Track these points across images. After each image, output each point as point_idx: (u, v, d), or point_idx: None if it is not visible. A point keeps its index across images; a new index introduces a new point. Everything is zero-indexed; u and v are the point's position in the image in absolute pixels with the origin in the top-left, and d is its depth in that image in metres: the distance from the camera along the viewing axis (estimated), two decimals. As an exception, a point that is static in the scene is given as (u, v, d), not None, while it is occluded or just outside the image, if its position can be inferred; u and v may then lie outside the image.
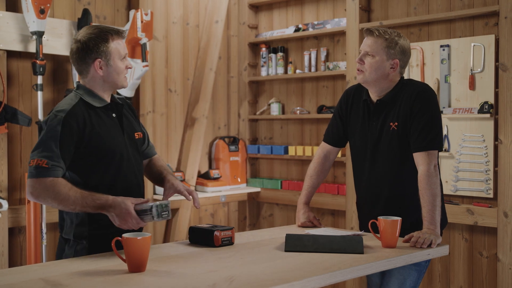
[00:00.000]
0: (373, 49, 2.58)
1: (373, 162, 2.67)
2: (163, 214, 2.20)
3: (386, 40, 2.57)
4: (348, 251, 2.26)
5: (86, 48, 2.37)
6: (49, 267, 2.05)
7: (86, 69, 2.39)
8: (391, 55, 2.59)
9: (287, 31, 5.00)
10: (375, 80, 2.62)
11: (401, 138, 2.60)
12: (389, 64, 2.59)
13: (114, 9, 4.43)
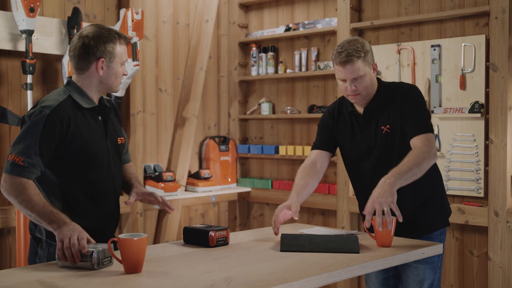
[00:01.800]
0: (359, 72, 2.55)
1: (373, 168, 2.66)
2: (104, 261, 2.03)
3: (362, 58, 2.55)
4: (344, 250, 2.26)
5: (93, 45, 2.31)
6: (44, 268, 2.02)
7: (86, 66, 2.33)
8: (370, 64, 2.60)
9: (278, 30, 4.99)
10: (371, 93, 2.64)
11: (396, 140, 2.63)
12: (373, 73, 2.63)
13: (104, 7, 4.40)
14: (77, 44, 2.33)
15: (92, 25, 2.39)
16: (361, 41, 2.60)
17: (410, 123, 2.60)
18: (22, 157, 2.17)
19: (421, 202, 2.64)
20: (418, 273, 2.62)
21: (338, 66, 2.57)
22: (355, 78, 2.56)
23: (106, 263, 2.03)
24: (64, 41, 4.03)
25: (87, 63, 2.33)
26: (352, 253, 2.24)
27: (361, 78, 2.57)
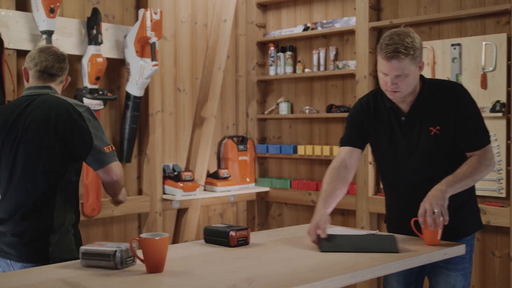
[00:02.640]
0: (403, 71, 2.38)
1: (413, 171, 2.53)
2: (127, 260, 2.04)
3: (410, 56, 2.37)
4: (383, 250, 2.24)
5: (66, 60, 2.64)
6: (67, 267, 2.04)
7: (61, 77, 2.61)
8: (417, 62, 2.43)
9: (296, 30, 4.98)
10: (411, 91, 2.48)
11: (445, 142, 2.49)
12: (418, 71, 2.47)
13: (123, 8, 4.42)
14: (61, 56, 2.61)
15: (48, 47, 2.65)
16: (412, 35, 2.40)
17: (469, 135, 2.47)
18: (112, 145, 2.54)
19: (458, 206, 2.51)
20: (450, 280, 2.54)
21: (383, 59, 2.39)
22: (398, 75, 2.38)
23: (129, 263, 2.04)
24: (83, 41, 4.06)
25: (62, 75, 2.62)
26: (391, 252, 2.22)
27: (404, 76, 2.39)
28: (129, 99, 4.27)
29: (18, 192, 2.40)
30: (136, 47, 4.20)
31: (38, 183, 2.39)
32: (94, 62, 3.98)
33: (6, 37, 3.63)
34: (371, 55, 4.36)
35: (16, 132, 2.43)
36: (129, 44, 4.23)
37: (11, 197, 2.42)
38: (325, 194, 2.55)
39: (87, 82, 4.00)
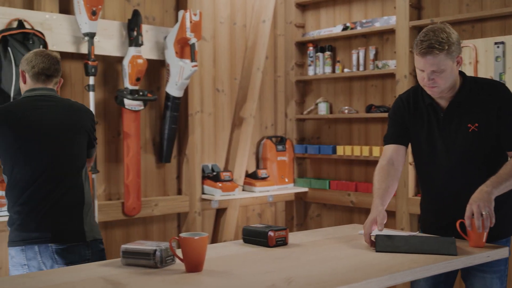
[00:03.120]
0: (439, 66, 2.36)
1: (451, 170, 2.51)
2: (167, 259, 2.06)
3: (445, 51, 2.35)
4: (441, 252, 2.21)
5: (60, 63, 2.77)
6: (108, 266, 2.07)
7: (57, 79, 2.75)
8: (454, 57, 2.39)
9: (335, 30, 4.95)
10: (449, 87, 2.45)
11: (483, 140, 2.46)
12: (456, 66, 2.42)
13: (163, 9, 4.47)
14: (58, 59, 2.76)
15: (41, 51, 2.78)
16: (448, 30, 2.37)
17: (510, 134, 2.44)
18: None
19: (496, 207, 2.39)
20: (485, 282, 2.48)
21: (418, 56, 2.38)
22: (434, 70, 2.36)
23: (169, 262, 2.06)
24: (124, 43, 4.11)
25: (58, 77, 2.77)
26: (449, 255, 2.19)
27: (441, 72, 2.36)
28: (169, 99, 4.32)
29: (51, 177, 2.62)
30: (176, 48, 4.23)
31: (72, 172, 2.68)
32: (135, 63, 4.03)
33: (49, 40, 3.71)
34: (412, 54, 4.30)
35: (42, 126, 2.63)
36: (169, 45, 4.27)
37: (40, 185, 2.60)
38: (380, 192, 2.56)
39: (128, 83, 4.06)
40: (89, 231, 2.66)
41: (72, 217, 2.63)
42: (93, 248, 2.65)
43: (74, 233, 2.61)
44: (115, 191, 4.25)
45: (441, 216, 2.55)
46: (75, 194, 2.65)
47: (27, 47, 3.51)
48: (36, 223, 2.56)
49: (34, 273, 2.02)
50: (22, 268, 2.54)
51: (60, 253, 2.56)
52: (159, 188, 4.49)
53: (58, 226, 2.58)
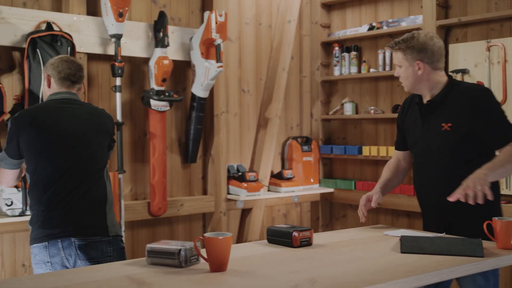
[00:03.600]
0: (397, 61, 2.68)
1: (430, 165, 2.68)
2: (192, 259, 2.08)
3: (400, 50, 2.64)
4: (467, 254, 2.18)
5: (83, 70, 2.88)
6: (133, 265, 2.09)
7: (80, 85, 2.84)
8: (410, 60, 2.62)
9: (361, 29, 4.93)
10: (414, 86, 2.68)
11: (456, 139, 2.58)
12: (414, 69, 2.63)
13: (189, 10, 4.50)
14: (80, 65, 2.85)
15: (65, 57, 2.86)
16: (417, 37, 2.61)
17: (495, 133, 2.56)
18: None
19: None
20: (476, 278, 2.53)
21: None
22: (396, 64, 2.70)
23: (193, 261, 2.07)
24: (150, 44, 4.15)
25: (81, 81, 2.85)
26: (475, 256, 2.17)
27: (399, 68, 2.68)
28: (195, 100, 4.34)
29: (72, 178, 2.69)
30: (202, 49, 4.26)
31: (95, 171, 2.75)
32: (161, 64, 4.06)
33: (77, 41, 3.76)
34: (439, 54, 4.26)
35: (67, 128, 2.70)
36: (195, 46, 4.30)
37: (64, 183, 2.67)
38: (382, 180, 2.86)
39: (154, 84, 4.10)
40: (112, 226, 2.73)
41: (95, 212, 2.70)
42: (114, 245, 2.71)
43: (96, 227, 2.68)
44: (141, 191, 4.29)
45: (427, 214, 2.80)
46: (98, 191, 2.73)
47: (55, 49, 3.57)
48: (59, 219, 2.62)
49: (60, 271, 2.05)
50: (45, 265, 2.59)
51: (82, 249, 2.61)
52: (185, 188, 4.52)
53: (81, 221, 2.64)
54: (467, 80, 4.13)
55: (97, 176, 2.75)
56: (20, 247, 3.72)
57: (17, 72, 3.70)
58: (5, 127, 3.60)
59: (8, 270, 3.67)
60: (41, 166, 2.66)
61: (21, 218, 3.53)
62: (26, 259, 3.73)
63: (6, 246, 3.67)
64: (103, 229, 2.69)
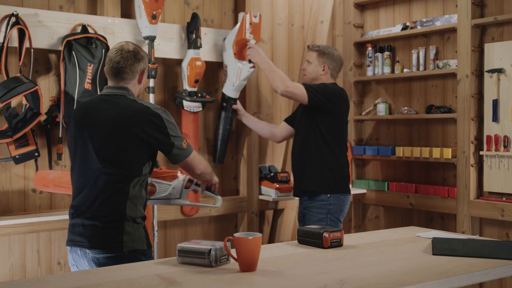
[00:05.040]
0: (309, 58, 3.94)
1: None
2: (222, 259, 2.10)
3: (316, 51, 3.91)
4: (500, 256, 2.16)
5: (141, 58, 2.68)
6: (164, 264, 2.12)
7: (134, 76, 2.67)
8: (321, 62, 3.91)
9: (394, 29, 4.89)
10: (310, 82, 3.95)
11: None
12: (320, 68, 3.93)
13: (222, 12, 4.52)
14: (130, 55, 2.64)
15: (130, 42, 2.73)
16: (328, 48, 4.01)
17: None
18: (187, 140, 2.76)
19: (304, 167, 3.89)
20: None
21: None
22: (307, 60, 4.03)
23: (223, 261, 2.09)
24: (183, 46, 4.19)
25: (135, 73, 2.67)
26: (509, 259, 2.14)
27: (307, 63, 4.01)
28: (225, 100, 4.36)
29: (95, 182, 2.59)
30: (234, 49, 4.28)
31: (113, 175, 2.57)
32: (193, 65, 4.10)
33: (111, 43, 3.82)
34: (474, 53, 4.20)
35: (92, 128, 2.60)
36: (227, 47, 4.32)
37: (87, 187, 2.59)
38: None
39: (187, 85, 4.13)
40: (129, 240, 2.54)
41: (109, 227, 2.54)
42: (130, 260, 2.51)
43: (110, 242, 2.53)
44: (174, 191, 4.33)
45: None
46: (118, 203, 2.55)
47: (90, 51, 3.63)
48: (80, 227, 2.58)
49: (95, 269, 2.09)
50: (72, 267, 2.63)
51: (96, 262, 2.54)
52: (217, 188, 4.54)
53: (95, 234, 2.54)
54: (503, 80, 4.07)
55: (119, 186, 2.55)
56: (56, 245, 3.79)
57: (53, 74, 3.78)
58: (42, 128, 3.69)
59: (44, 268, 3.75)
60: (72, 167, 2.67)
61: (57, 217, 3.61)
62: (61, 257, 3.81)
63: (42, 244, 3.75)
64: (117, 243, 2.52)
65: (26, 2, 3.70)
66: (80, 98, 3.57)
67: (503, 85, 4.08)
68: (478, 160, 4.24)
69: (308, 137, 3.86)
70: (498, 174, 4.10)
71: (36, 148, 3.55)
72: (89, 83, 3.61)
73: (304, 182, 3.87)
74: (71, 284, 1.85)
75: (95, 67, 3.62)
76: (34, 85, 3.41)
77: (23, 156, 3.52)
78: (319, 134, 3.83)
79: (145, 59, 2.70)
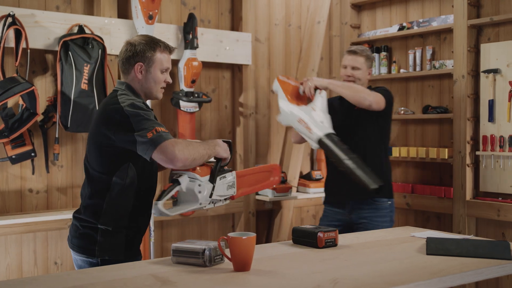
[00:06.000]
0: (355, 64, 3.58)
1: None
2: (216, 259, 2.09)
3: (364, 56, 3.59)
4: (494, 256, 2.16)
5: (133, 50, 2.49)
6: (158, 263, 2.12)
7: (128, 70, 2.51)
8: (368, 66, 3.63)
9: (391, 30, 4.90)
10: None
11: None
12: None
13: (218, 12, 4.53)
14: (122, 49, 2.53)
15: (141, 35, 2.58)
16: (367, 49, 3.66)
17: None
18: (161, 127, 2.31)
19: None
20: None
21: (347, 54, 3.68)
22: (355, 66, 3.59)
23: (218, 261, 2.10)
24: (180, 46, 4.19)
25: (128, 67, 2.51)
26: (503, 259, 2.15)
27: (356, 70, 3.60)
28: (330, 138, 4.00)
29: (83, 185, 2.54)
30: (295, 102, 3.56)
31: (91, 179, 2.46)
32: (190, 65, 4.11)
33: (108, 44, 3.83)
34: (470, 53, 4.21)
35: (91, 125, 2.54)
36: (288, 108, 3.43)
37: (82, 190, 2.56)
38: None
39: (183, 85, 4.14)
40: (99, 250, 2.41)
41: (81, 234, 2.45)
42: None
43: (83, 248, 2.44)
44: (171, 191, 4.33)
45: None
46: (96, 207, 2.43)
47: (86, 51, 3.64)
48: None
49: (88, 269, 2.10)
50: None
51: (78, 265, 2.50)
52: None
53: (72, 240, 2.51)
54: (499, 80, 4.08)
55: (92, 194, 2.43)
56: (53, 245, 3.80)
57: (50, 75, 3.79)
58: (38, 128, 3.69)
59: (41, 268, 3.75)
60: None
61: (54, 217, 3.62)
62: (58, 257, 3.81)
63: (39, 244, 3.75)
64: (90, 250, 2.41)
65: (22, 3, 3.70)
66: (76, 98, 3.58)
67: (499, 86, 4.09)
68: (474, 160, 4.25)
69: (370, 141, 3.49)
70: (494, 174, 4.11)
71: (33, 148, 3.56)
72: (86, 83, 3.62)
73: (366, 189, 3.13)
74: (65, 284, 1.86)
75: (91, 68, 3.63)
76: (30, 85, 3.42)
77: (19, 156, 3.52)
78: (380, 137, 3.54)
79: (141, 52, 2.49)
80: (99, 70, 3.67)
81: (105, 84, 3.72)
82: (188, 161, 2.28)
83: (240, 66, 4.55)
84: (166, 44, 2.56)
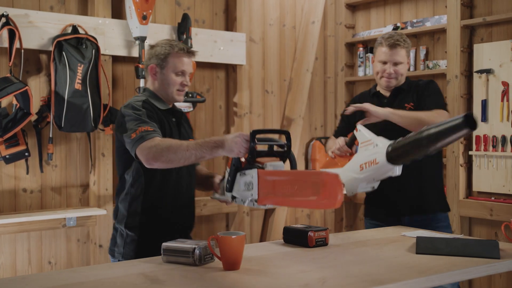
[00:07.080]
0: (401, 58, 3.07)
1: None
2: (206, 258, 2.10)
3: (404, 48, 3.08)
4: (484, 255, 2.18)
5: (150, 53, 2.60)
6: (149, 262, 2.13)
7: (146, 72, 2.63)
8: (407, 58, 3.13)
9: (385, 30, 4.91)
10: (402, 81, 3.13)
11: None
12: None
13: (213, 12, 4.54)
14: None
15: (164, 39, 2.67)
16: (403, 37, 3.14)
17: (426, 99, 3.02)
18: (147, 126, 2.36)
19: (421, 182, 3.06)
20: None
21: (388, 48, 3.09)
22: (398, 61, 3.07)
23: (208, 260, 2.11)
24: (174, 46, 4.20)
25: (145, 69, 2.62)
26: (492, 258, 2.16)
27: (400, 65, 3.08)
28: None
29: None
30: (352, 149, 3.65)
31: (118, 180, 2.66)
32: (184, 65, 4.11)
33: (102, 44, 3.84)
34: (463, 54, 4.23)
35: None
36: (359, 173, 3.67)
37: None
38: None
39: (178, 85, 4.14)
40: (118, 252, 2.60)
41: (112, 234, 2.70)
42: None
43: (109, 249, 2.68)
44: (166, 190, 4.34)
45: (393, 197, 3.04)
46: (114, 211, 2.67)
47: (80, 52, 3.64)
48: None
49: (79, 268, 2.11)
50: None
51: None
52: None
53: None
54: (492, 80, 4.09)
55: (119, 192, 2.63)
56: (47, 245, 3.81)
57: (44, 75, 3.79)
58: (32, 128, 3.70)
59: (35, 267, 3.76)
60: None
61: (48, 216, 3.63)
62: (52, 256, 3.82)
63: (33, 244, 3.76)
64: (111, 251, 2.65)
65: (16, 3, 3.71)
66: (70, 98, 3.58)
67: (492, 86, 4.11)
68: (467, 160, 4.27)
69: None
70: (487, 174, 4.13)
71: (27, 148, 3.57)
72: (79, 83, 3.62)
73: (424, 202, 3.01)
74: (55, 282, 1.87)
75: (85, 68, 3.64)
76: (24, 85, 3.42)
77: (13, 156, 3.53)
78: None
79: (156, 54, 2.57)
80: (92, 70, 3.68)
81: (98, 84, 3.73)
82: (163, 164, 2.29)
83: (235, 66, 4.56)
84: (182, 47, 2.61)
